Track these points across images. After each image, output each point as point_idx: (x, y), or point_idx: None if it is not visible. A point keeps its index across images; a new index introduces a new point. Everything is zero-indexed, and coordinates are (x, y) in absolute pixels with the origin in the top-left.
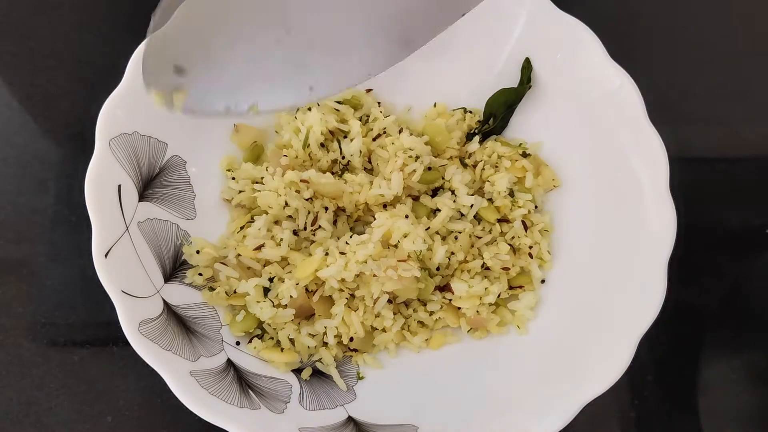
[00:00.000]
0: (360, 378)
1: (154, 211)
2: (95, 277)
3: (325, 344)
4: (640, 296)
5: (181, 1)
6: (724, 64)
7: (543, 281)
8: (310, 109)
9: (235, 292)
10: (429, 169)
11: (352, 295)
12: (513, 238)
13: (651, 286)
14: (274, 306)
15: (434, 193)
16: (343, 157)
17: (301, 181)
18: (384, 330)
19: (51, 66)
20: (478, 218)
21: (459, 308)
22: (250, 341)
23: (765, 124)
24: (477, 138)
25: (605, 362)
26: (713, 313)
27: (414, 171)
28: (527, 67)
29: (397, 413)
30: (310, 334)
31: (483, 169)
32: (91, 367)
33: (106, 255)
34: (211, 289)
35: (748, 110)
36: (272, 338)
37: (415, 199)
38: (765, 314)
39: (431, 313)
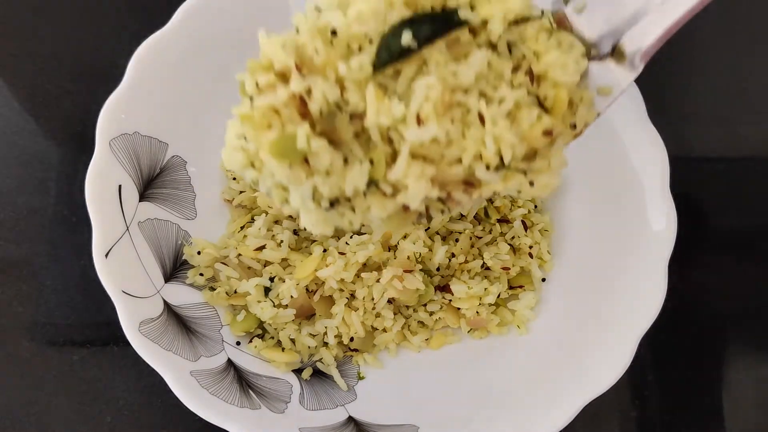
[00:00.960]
0: (360, 378)
1: (155, 211)
2: (95, 277)
3: (326, 344)
4: (640, 296)
5: None
6: (724, 64)
7: (543, 280)
8: None
9: (235, 292)
10: None
11: (353, 295)
12: (513, 238)
13: (651, 286)
14: (274, 306)
15: None
16: None
17: None
18: (384, 330)
19: (51, 66)
20: (478, 218)
21: (459, 309)
22: (250, 341)
23: (765, 124)
24: None
25: (606, 362)
26: (714, 313)
27: None
28: None
29: (397, 413)
30: (310, 334)
31: None
32: (90, 367)
33: (106, 255)
34: (212, 289)
35: (748, 110)
36: (273, 338)
37: None
38: (765, 314)
39: (431, 314)
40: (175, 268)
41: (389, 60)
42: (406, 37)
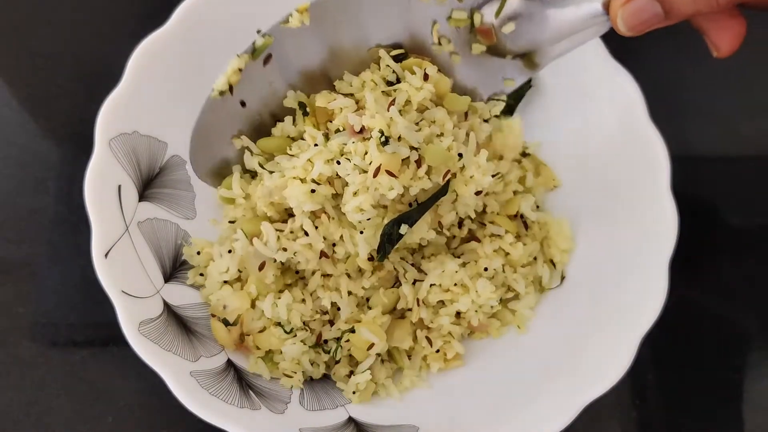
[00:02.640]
0: None
1: (154, 211)
2: (95, 277)
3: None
4: (641, 296)
5: None
6: (724, 62)
7: None
8: None
9: None
10: None
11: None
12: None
13: (652, 286)
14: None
15: None
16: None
17: None
18: None
19: (51, 66)
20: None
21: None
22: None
23: (765, 122)
24: None
25: (606, 363)
26: (714, 313)
27: None
28: None
29: (397, 413)
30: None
31: None
32: (91, 368)
33: (105, 255)
34: None
35: (748, 109)
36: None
37: None
38: (765, 314)
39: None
40: (174, 268)
41: (391, 249)
42: (404, 228)
